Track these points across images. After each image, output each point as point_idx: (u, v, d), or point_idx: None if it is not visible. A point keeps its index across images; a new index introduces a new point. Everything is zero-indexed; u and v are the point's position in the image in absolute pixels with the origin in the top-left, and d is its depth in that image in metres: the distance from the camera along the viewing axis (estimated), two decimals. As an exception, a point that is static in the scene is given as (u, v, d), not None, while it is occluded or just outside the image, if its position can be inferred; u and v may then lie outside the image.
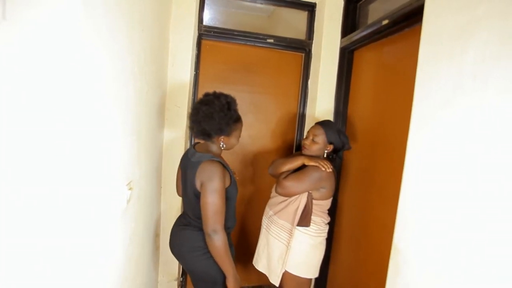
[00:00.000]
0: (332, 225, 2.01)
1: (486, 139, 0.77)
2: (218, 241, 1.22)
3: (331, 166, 1.49)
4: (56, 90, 0.60)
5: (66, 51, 0.61)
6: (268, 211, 1.65)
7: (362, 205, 1.72)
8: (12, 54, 0.51)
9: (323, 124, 1.61)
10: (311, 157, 1.55)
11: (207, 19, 2.02)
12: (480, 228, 0.78)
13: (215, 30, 1.97)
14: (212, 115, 1.26)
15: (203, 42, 1.99)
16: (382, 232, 1.48)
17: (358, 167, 1.81)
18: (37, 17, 0.55)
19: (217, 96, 1.31)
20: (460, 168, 0.85)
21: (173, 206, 1.91)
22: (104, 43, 0.77)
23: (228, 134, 1.34)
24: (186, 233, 1.38)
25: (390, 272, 1.12)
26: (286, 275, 1.55)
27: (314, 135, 1.58)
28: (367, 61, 1.79)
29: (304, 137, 1.67)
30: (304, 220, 1.51)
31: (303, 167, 1.54)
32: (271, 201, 1.67)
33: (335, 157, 1.66)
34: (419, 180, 1.01)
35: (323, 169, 1.46)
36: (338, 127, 1.60)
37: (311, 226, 1.52)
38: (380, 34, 1.57)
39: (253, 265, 1.73)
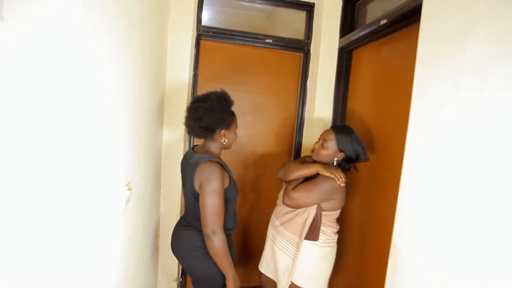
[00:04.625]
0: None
1: (485, 137, 0.78)
2: (217, 242, 1.21)
3: (345, 179, 1.38)
4: (55, 91, 0.60)
5: (65, 52, 0.61)
6: (274, 221, 1.56)
7: (361, 204, 1.73)
8: (9, 55, 0.51)
9: (337, 129, 1.49)
10: (326, 166, 1.42)
11: (206, 19, 2.02)
12: (478, 227, 0.78)
13: (214, 30, 1.97)
14: (212, 107, 1.27)
15: (202, 42, 1.99)
16: (382, 231, 1.48)
17: (356, 167, 1.81)
18: (35, 18, 0.55)
19: (209, 92, 1.34)
20: (458, 167, 0.85)
21: (173, 206, 1.91)
22: (103, 43, 0.77)
23: (228, 126, 1.34)
24: (186, 233, 1.38)
25: (389, 271, 1.13)
26: (292, 287, 1.48)
27: (325, 140, 1.47)
28: (366, 60, 1.80)
29: (316, 140, 1.55)
30: (313, 233, 1.42)
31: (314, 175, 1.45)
32: (277, 210, 1.58)
33: (349, 168, 1.52)
34: (418, 179, 1.02)
35: (338, 182, 1.34)
36: (354, 135, 1.45)
37: (320, 236, 1.44)
38: (379, 34, 1.58)
39: (253, 265, 1.72)
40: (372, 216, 1.62)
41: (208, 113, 1.27)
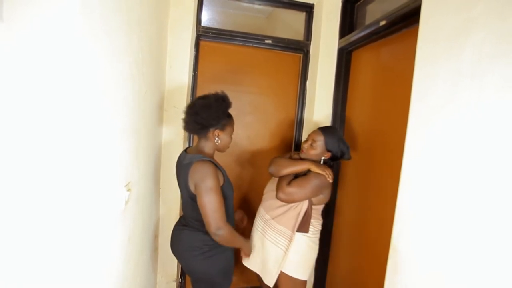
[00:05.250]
0: (330, 226, 2.02)
1: (484, 138, 0.78)
2: (226, 235, 1.24)
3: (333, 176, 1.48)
4: (54, 91, 0.60)
5: (64, 52, 0.61)
6: (264, 215, 1.59)
7: (361, 205, 1.73)
8: (9, 55, 0.51)
9: (324, 130, 1.56)
10: (317, 163, 1.51)
11: (205, 20, 2.02)
12: (478, 228, 0.78)
13: (213, 31, 1.97)
14: (209, 104, 1.30)
15: (201, 43, 1.99)
16: (381, 232, 1.48)
17: (356, 168, 1.81)
18: (34, 18, 0.55)
19: (210, 93, 1.36)
20: (458, 168, 0.85)
21: (172, 207, 1.91)
22: (102, 43, 0.77)
23: (222, 127, 1.35)
24: (185, 233, 1.39)
25: (388, 271, 1.13)
26: (282, 276, 1.53)
27: (313, 141, 1.55)
28: (365, 61, 1.80)
29: (304, 139, 1.62)
30: (304, 226, 1.49)
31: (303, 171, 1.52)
32: (266, 204, 1.61)
33: (333, 165, 1.62)
34: (417, 180, 1.02)
35: (328, 178, 1.44)
36: (340, 135, 1.56)
37: (309, 229, 1.51)
38: (378, 35, 1.58)
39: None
40: (371, 216, 1.62)
41: (204, 109, 1.29)
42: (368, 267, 1.61)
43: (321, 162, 1.58)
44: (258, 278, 1.68)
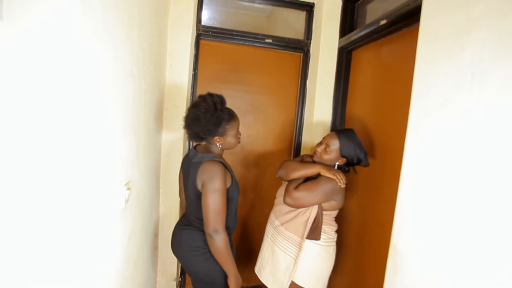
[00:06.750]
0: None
1: (484, 138, 0.78)
2: (219, 241, 1.21)
3: (346, 180, 1.38)
4: (54, 90, 0.60)
5: (64, 52, 0.61)
6: (274, 220, 1.54)
7: (361, 204, 1.73)
8: (9, 54, 0.51)
9: (340, 134, 1.45)
10: (328, 167, 1.42)
11: (206, 19, 2.02)
12: (477, 227, 0.78)
13: (214, 30, 1.97)
14: (198, 117, 1.26)
15: (202, 42, 1.99)
16: (381, 231, 1.48)
17: (357, 167, 1.81)
18: (34, 18, 0.55)
19: (203, 97, 1.30)
20: (457, 167, 0.85)
21: (172, 206, 1.91)
22: (103, 43, 0.77)
23: (221, 134, 1.32)
24: (186, 233, 1.38)
25: (388, 271, 1.13)
26: (292, 287, 1.47)
27: (327, 145, 1.44)
28: (365, 61, 1.80)
29: (318, 142, 1.53)
30: (314, 232, 1.41)
31: (314, 175, 1.45)
32: (276, 209, 1.56)
33: (348, 170, 1.53)
34: (417, 179, 1.02)
35: (339, 183, 1.35)
36: (357, 141, 1.43)
37: (321, 235, 1.44)
38: (378, 34, 1.58)
39: (253, 264, 1.70)
40: (371, 216, 1.62)
41: (194, 122, 1.27)
42: (368, 266, 1.61)
43: (335, 167, 1.48)
44: None
